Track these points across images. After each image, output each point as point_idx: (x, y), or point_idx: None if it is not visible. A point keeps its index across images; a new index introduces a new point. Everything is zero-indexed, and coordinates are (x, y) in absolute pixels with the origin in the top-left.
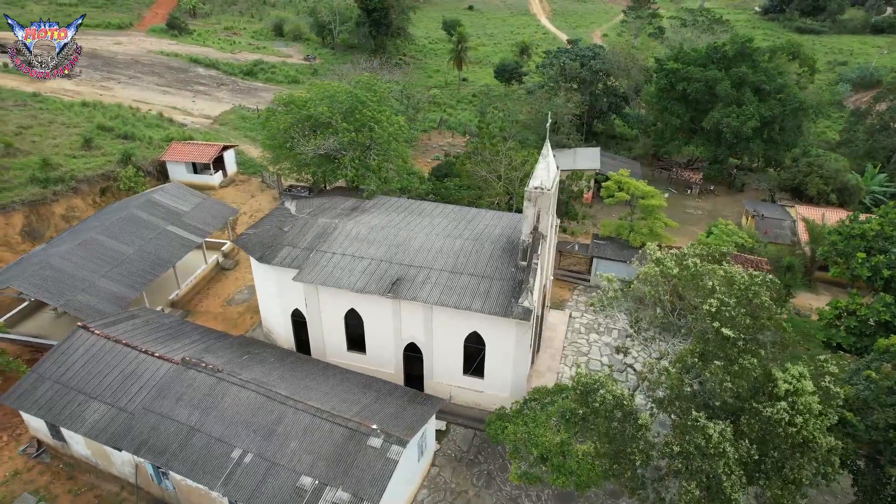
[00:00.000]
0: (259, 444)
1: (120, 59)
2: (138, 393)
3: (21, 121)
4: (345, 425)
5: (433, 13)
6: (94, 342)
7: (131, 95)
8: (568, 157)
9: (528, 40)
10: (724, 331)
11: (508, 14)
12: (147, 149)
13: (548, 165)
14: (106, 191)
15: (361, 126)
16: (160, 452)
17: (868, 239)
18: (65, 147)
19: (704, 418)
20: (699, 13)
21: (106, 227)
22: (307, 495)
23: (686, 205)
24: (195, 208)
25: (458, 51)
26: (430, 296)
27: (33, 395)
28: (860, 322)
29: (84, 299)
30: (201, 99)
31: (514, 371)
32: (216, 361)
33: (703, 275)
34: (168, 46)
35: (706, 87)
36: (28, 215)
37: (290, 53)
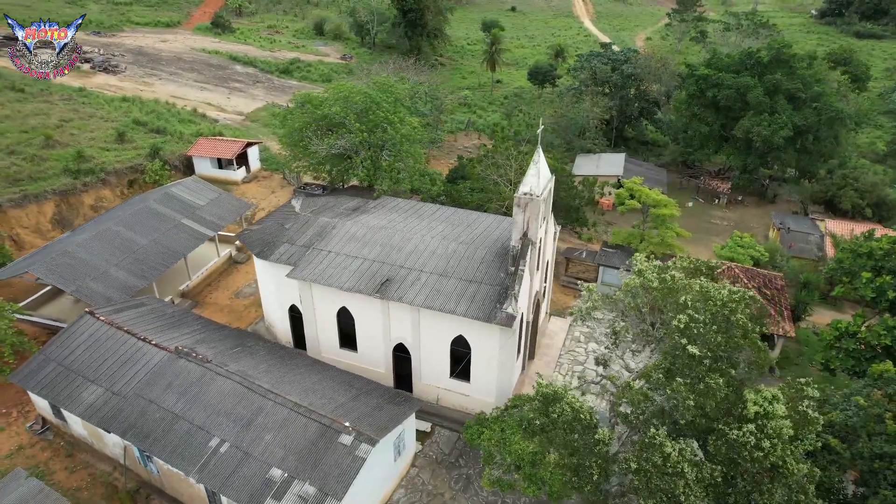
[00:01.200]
0: (236, 435)
1: (164, 55)
2: (132, 378)
3: (64, 114)
4: (319, 421)
5: (474, 14)
6: (99, 328)
7: (170, 91)
8: (591, 162)
9: (563, 43)
10: (691, 348)
11: (551, 15)
12: (177, 143)
13: (538, 172)
14: (133, 183)
15: (375, 127)
16: (145, 437)
17: (876, 258)
18: (100, 140)
19: (665, 436)
20: (744, 17)
21: (123, 218)
22: (275, 487)
23: (712, 215)
24: (211, 203)
25: (492, 52)
26: (416, 298)
27: (38, 375)
28: (859, 345)
29: (95, 286)
30: (236, 96)
31: (499, 376)
32: (208, 352)
33: (680, 289)
34: (210, 44)
35: (737, 94)
36: (59, 204)
37: (327, 52)
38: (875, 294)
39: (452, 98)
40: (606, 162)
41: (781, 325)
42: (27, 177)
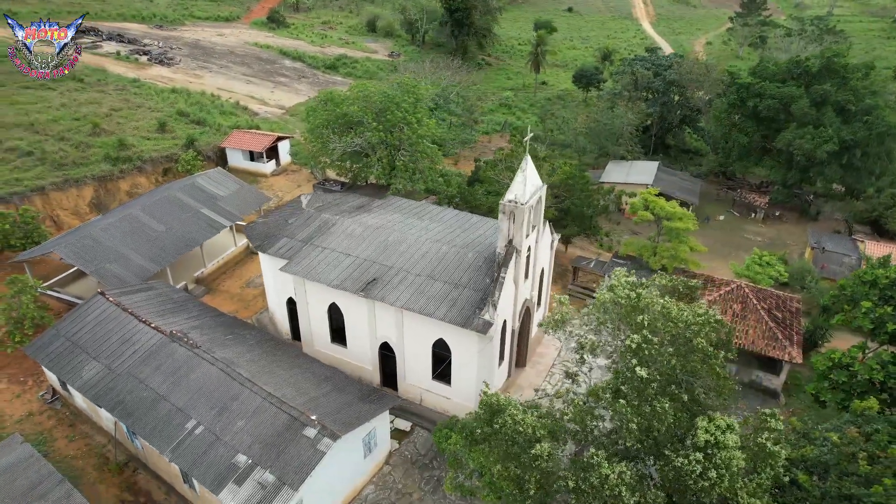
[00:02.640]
0: (212, 419)
1: (217, 49)
2: (129, 358)
3: (115, 104)
4: (288, 412)
5: (530, 13)
6: (107, 308)
7: (218, 84)
8: (622, 169)
9: (614, 46)
10: (639, 370)
11: (609, 17)
12: (214, 135)
13: (524, 179)
14: (168, 171)
15: (392, 126)
16: (129, 414)
17: (880, 287)
18: (142, 129)
19: (604, 457)
20: (809, 21)
21: (147, 205)
22: (238, 472)
23: (746, 229)
24: (232, 194)
25: (536, 54)
26: (398, 298)
27: (48, 348)
28: (850, 378)
29: (112, 268)
30: (280, 90)
31: (478, 381)
32: (200, 338)
33: (643, 307)
34: (264, 39)
35: (781, 104)
36: (97, 189)
37: (376, 49)
38: (873, 325)
39: (494, 98)
40: (638, 170)
41: (788, 350)
42: (71, 162)
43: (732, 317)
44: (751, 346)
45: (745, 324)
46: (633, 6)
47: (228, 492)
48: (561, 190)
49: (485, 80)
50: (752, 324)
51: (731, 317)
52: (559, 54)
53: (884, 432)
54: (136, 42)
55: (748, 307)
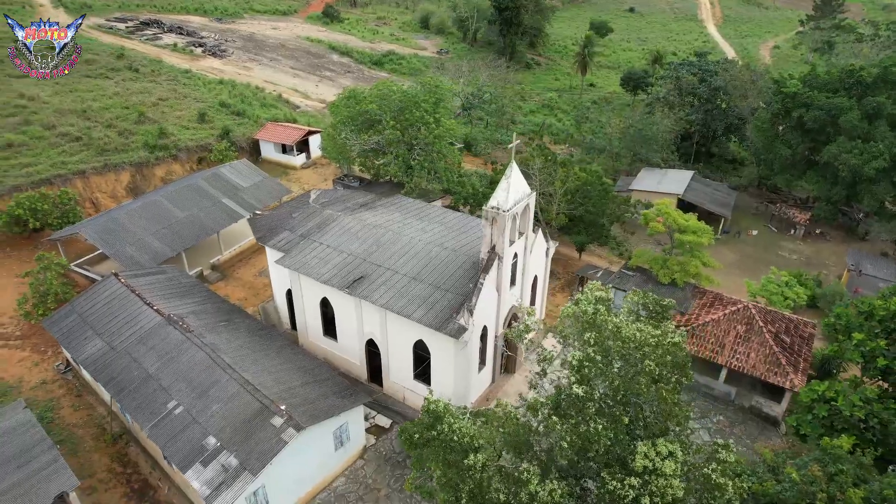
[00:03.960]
0: (191, 401)
1: (270, 42)
2: (128, 337)
3: (164, 93)
4: (260, 400)
5: (589, 13)
6: (118, 288)
7: (265, 76)
8: (655, 177)
9: (662, 49)
10: (576, 388)
11: (672, 18)
12: (251, 126)
13: (508, 186)
14: (202, 160)
15: (409, 126)
16: (120, 390)
17: (878, 319)
18: (184, 119)
19: (536, 474)
20: (885, 26)
21: (171, 192)
22: (206, 453)
23: (782, 246)
24: (253, 185)
25: (583, 55)
26: (380, 298)
27: (62, 323)
28: (832, 413)
29: (130, 251)
30: (325, 84)
31: (455, 385)
32: (195, 322)
33: (598, 324)
34: (316, 33)
35: (828, 116)
36: (134, 174)
37: (425, 46)
38: (863, 359)
39: (538, 99)
40: (671, 178)
41: (790, 377)
42: (114, 148)
43: (735, 338)
44: (751, 370)
45: (747, 346)
46: (698, 7)
47: (194, 471)
48: (577, 196)
49: (532, 79)
50: (754, 347)
51: (734, 338)
52: (612, 56)
53: (849, 473)
54: (194, 34)
55: (753, 329)
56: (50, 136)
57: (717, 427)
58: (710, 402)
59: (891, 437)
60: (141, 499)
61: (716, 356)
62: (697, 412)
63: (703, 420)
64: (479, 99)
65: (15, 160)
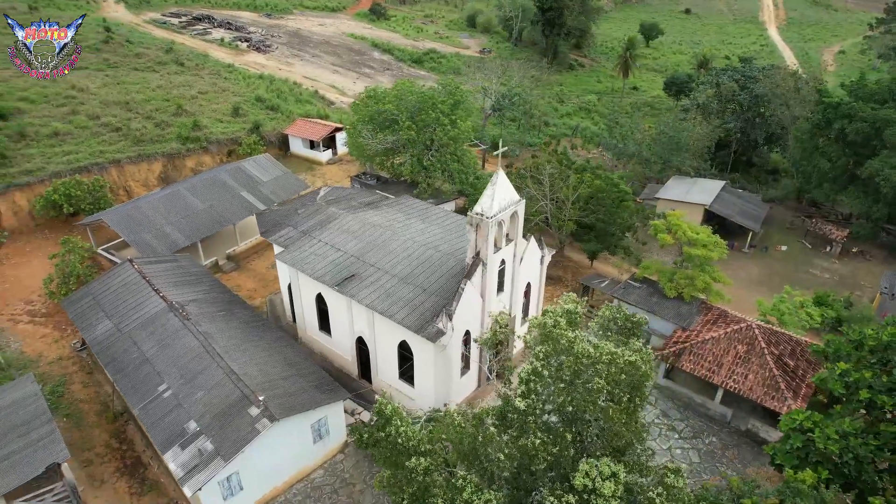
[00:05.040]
0: (179, 386)
1: (315, 38)
2: (134, 321)
3: (204, 87)
4: (241, 390)
5: (642, 14)
6: (131, 274)
7: (305, 72)
8: (684, 186)
9: (712, 52)
10: (517, 402)
11: (730, 20)
12: (284, 121)
13: (493, 193)
14: (231, 153)
15: (425, 126)
16: (119, 370)
17: (868, 349)
18: (219, 112)
19: (472, 482)
20: None
21: (193, 184)
22: (185, 437)
23: (814, 263)
24: (272, 180)
25: (625, 58)
26: (367, 297)
27: (78, 304)
28: (806, 444)
29: (147, 238)
30: (363, 81)
31: (436, 387)
32: (195, 311)
33: (554, 338)
34: (362, 30)
35: (873, 128)
36: (166, 165)
37: (468, 45)
38: (845, 390)
39: (577, 101)
40: (700, 188)
41: (788, 402)
42: (149, 139)
43: (734, 358)
44: (747, 392)
45: (745, 367)
46: (760, 9)
47: (172, 453)
48: (591, 203)
49: (574, 81)
50: (753, 368)
51: (733, 358)
52: (661, 59)
53: None
54: (242, 29)
55: (754, 350)
56: (93, 125)
57: (708, 449)
58: (704, 422)
59: (865, 475)
60: (132, 475)
61: (712, 375)
62: (689, 432)
63: (695, 441)
64: (508, 100)
65: (59, 148)
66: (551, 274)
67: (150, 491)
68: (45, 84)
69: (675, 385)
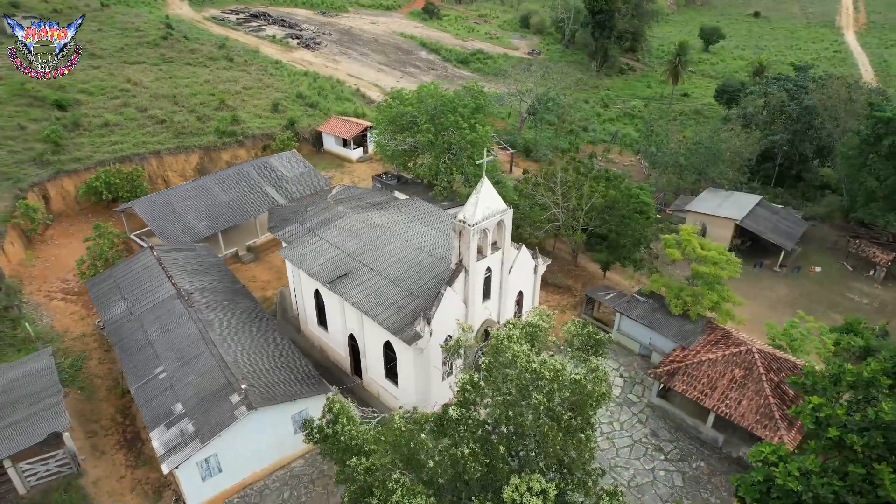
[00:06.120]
0: (174, 369)
1: (364, 37)
2: (145, 305)
3: (249, 83)
4: (227, 377)
5: (706, 17)
6: (149, 260)
7: (351, 70)
8: (717, 199)
9: (766, 59)
10: (451, 410)
11: (803, 24)
12: (321, 118)
13: (476, 201)
14: (266, 147)
15: (444, 130)
16: (124, 350)
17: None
18: (259, 108)
19: (403, 486)
20: None
21: (220, 177)
22: (171, 418)
23: (852, 287)
24: (296, 176)
25: (675, 63)
26: (354, 296)
27: (100, 285)
28: (765, 481)
29: (171, 227)
30: (406, 80)
31: (416, 388)
32: (200, 299)
33: (503, 350)
34: (412, 29)
35: None
36: (202, 157)
37: (518, 46)
38: (815, 426)
39: (622, 106)
40: (733, 202)
41: (780, 433)
42: (189, 132)
43: (729, 382)
44: (738, 418)
45: (740, 392)
46: (838, 12)
47: (157, 431)
48: (604, 214)
49: (623, 86)
50: (748, 394)
51: (729, 382)
52: (720, 64)
53: None
54: (295, 27)
55: (751, 375)
56: (140, 117)
57: (694, 474)
58: (695, 445)
59: None
60: (129, 449)
61: (704, 398)
62: (677, 454)
63: (681, 464)
64: (543, 105)
65: (107, 138)
66: (561, 283)
67: (143, 465)
68: (103, 77)
69: (668, 405)
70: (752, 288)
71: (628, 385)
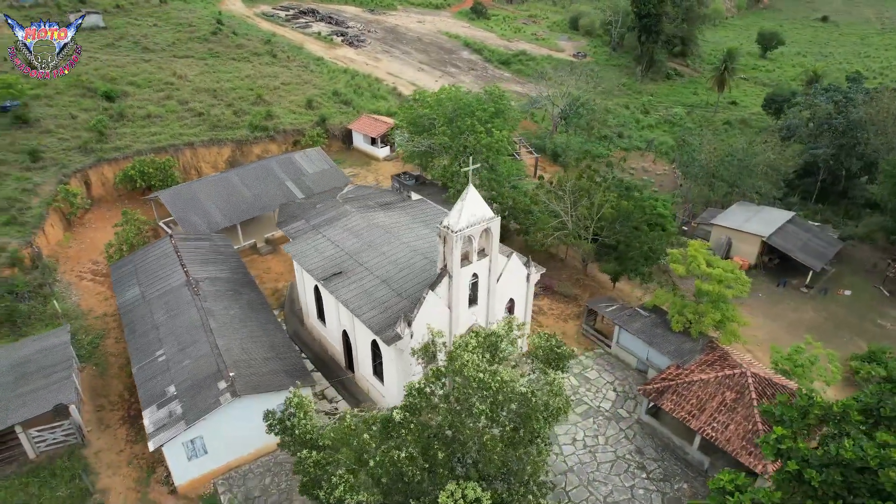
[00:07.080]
0: (173, 354)
1: (409, 35)
2: (157, 290)
3: (288, 79)
4: (219, 364)
5: (770, 22)
6: (167, 248)
7: (390, 68)
8: (745, 214)
9: (821, 68)
10: (395, 413)
11: (876, 30)
12: (353, 116)
13: (461, 208)
14: (297, 143)
15: (460, 133)
16: (132, 332)
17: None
18: (294, 104)
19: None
20: None
21: (244, 171)
22: (164, 398)
23: (885, 313)
24: (318, 172)
25: (722, 70)
26: (344, 294)
27: (121, 269)
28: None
29: (193, 217)
30: (445, 80)
31: (398, 388)
32: (207, 288)
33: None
34: (458, 28)
35: None
36: (234, 150)
37: (564, 48)
38: (775, 457)
39: (664, 113)
40: (762, 217)
41: (763, 462)
42: (225, 125)
43: (719, 404)
44: (724, 443)
45: (729, 416)
46: None
47: (150, 411)
48: (615, 224)
49: (667, 92)
50: (737, 419)
51: (718, 404)
52: (776, 72)
53: None
54: (341, 24)
55: (743, 400)
56: (181, 110)
57: (674, 495)
58: (680, 466)
59: None
60: (132, 424)
61: (690, 419)
62: (660, 474)
63: (662, 484)
64: (573, 109)
65: (148, 129)
66: (567, 292)
67: (140, 441)
68: (151, 70)
69: (657, 423)
70: (774, 307)
71: (620, 399)
